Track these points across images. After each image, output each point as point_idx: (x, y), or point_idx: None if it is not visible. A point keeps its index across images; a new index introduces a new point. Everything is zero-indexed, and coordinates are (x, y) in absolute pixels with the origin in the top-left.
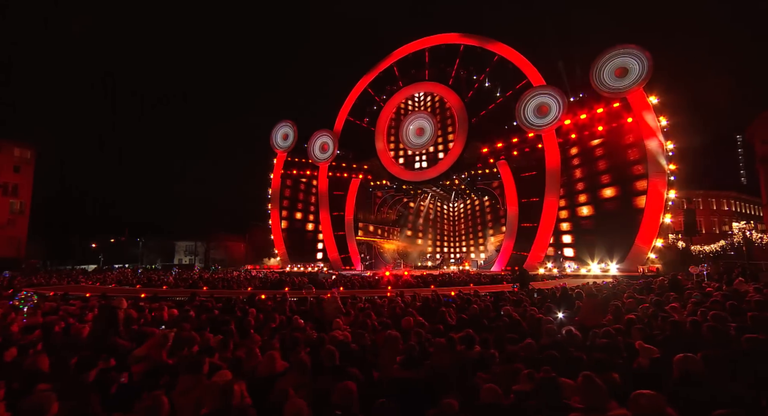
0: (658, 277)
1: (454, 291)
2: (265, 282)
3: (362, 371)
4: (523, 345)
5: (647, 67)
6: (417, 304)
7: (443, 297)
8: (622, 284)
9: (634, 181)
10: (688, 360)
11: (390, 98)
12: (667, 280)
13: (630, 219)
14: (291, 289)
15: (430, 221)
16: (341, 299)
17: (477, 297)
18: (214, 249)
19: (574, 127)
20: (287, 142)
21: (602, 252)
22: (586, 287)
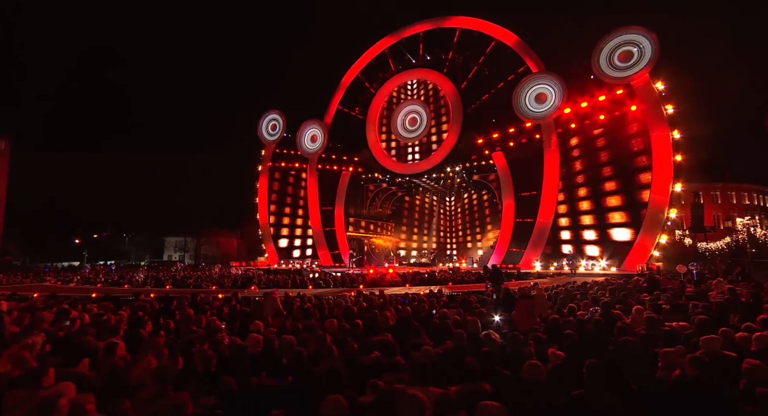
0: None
1: (423, 290)
2: (236, 281)
3: (245, 378)
4: (421, 352)
5: (654, 50)
6: (363, 305)
7: (399, 298)
8: (595, 285)
9: (638, 174)
10: (532, 368)
11: (382, 86)
12: (644, 280)
13: (633, 215)
14: (258, 288)
15: (426, 216)
16: (301, 299)
17: (431, 298)
18: (206, 245)
19: (574, 116)
20: (275, 133)
21: (603, 250)
22: (536, 287)
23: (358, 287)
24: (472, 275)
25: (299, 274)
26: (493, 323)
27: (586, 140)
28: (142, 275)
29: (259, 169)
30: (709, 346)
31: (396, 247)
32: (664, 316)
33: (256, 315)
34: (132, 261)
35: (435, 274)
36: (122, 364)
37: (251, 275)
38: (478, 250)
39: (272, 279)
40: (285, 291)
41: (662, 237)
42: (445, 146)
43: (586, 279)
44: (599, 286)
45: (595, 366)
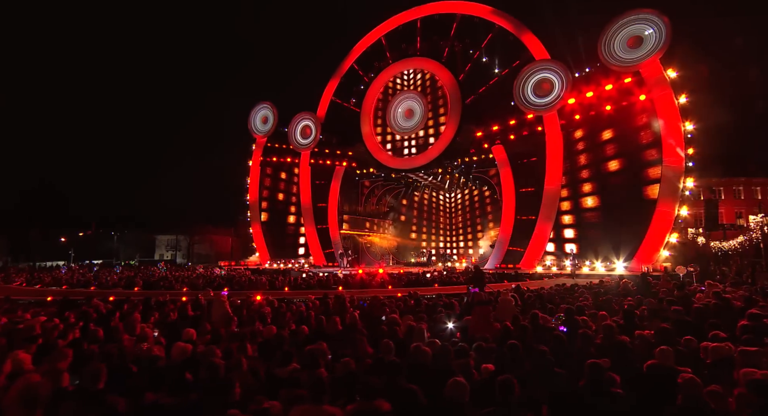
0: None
1: (401, 292)
2: (211, 283)
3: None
4: (341, 364)
5: (665, 35)
6: (312, 312)
7: (359, 301)
8: (583, 288)
9: (647, 168)
10: (455, 386)
11: (377, 76)
12: (633, 283)
13: (641, 212)
14: (231, 290)
15: (425, 213)
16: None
17: (398, 302)
18: (199, 244)
19: (578, 107)
20: (266, 126)
21: (608, 249)
22: (507, 291)
23: (337, 289)
24: (455, 276)
25: (286, 275)
26: (445, 331)
27: (592, 132)
28: (115, 276)
29: (249, 164)
30: (662, 359)
31: (394, 246)
32: (639, 323)
33: (207, 320)
34: (121, 261)
35: (426, 275)
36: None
37: (234, 275)
38: (479, 249)
39: (253, 279)
40: (254, 293)
41: (672, 236)
42: (442, 140)
43: (589, 280)
44: (586, 289)
45: (505, 382)
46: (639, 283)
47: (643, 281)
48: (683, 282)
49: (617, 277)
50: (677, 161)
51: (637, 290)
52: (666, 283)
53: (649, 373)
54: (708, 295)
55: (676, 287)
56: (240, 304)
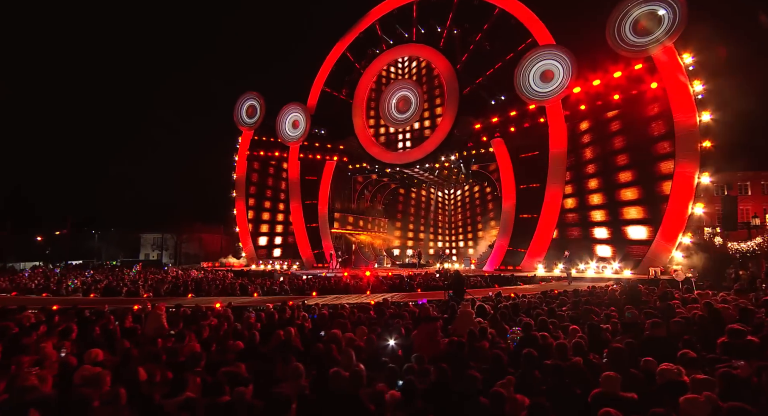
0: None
1: (373, 300)
2: (177, 288)
3: None
4: (236, 393)
5: (680, 16)
6: (257, 325)
7: (312, 314)
8: (566, 295)
9: (658, 162)
10: None
11: (370, 64)
12: (620, 290)
13: (651, 210)
14: (196, 296)
15: (423, 211)
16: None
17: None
18: (186, 243)
19: (584, 97)
20: (253, 117)
21: (616, 250)
22: (470, 301)
23: (311, 295)
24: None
25: (269, 277)
26: (387, 348)
27: (598, 124)
28: (78, 280)
29: (236, 158)
30: (607, 386)
31: (389, 246)
32: (610, 339)
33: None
34: (102, 261)
35: (413, 278)
36: None
37: (211, 278)
38: (480, 249)
39: (226, 284)
40: (214, 300)
41: (686, 236)
42: (438, 132)
43: (587, 285)
44: (567, 298)
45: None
46: (629, 290)
47: (632, 288)
48: (667, 292)
49: (623, 281)
50: (692, 154)
51: (627, 299)
52: (662, 290)
53: (594, 403)
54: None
55: (659, 297)
56: (190, 314)
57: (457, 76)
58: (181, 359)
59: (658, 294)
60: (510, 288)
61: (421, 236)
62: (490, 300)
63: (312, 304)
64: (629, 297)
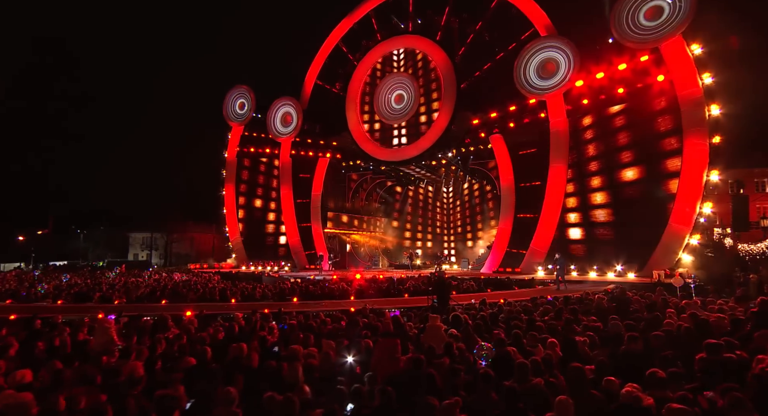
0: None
1: (354, 306)
2: (152, 292)
3: None
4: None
5: (689, 4)
6: (218, 337)
7: (282, 324)
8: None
9: (665, 159)
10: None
11: (364, 57)
12: (606, 299)
13: (657, 209)
14: (171, 302)
15: (420, 210)
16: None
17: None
18: (178, 242)
19: (587, 90)
20: (243, 112)
21: (619, 252)
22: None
23: (292, 300)
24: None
25: (257, 280)
26: (345, 365)
27: (602, 119)
28: (50, 285)
29: (225, 155)
30: (560, 412)
31: (385, 246)
32: (586, 354)
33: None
34: (89, 262)
35: (403, 282)
36: None
37: (193, 282)
38: (479, 249)
39: (210, 287)
40: (186, 308)
41: (694, 237)
42: (435, 128)
43: (589, 289)
44: (552, 306)
45: None
46: (617, 298)
47: (621, 296)
48: (655, 302)
49: (613, 287)
50: (700, 151)
51: (615, 307)
52: (656, 298)
53: None
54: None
55: (647, 306)
56: (151, 325)
57: (454, 69)
58: (120, 380)
59: (646, 303)
60: (502, 292)
61: (418, 236)
62: (474, 308)
63: (288, 312)
64: (617, 306)
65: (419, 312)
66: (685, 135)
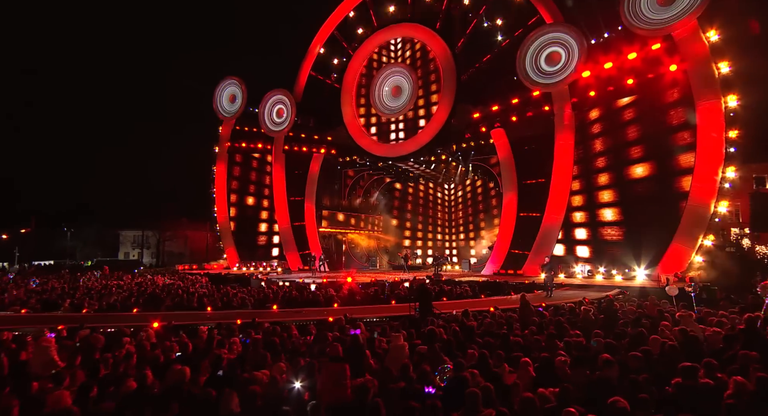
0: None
1: (334, 315)
2: (126, 299)
3: None
4: None
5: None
6: (171, 355)
7: (245, 338)
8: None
9: (677, 155)
10: None
11: (360, 46)
12: (593, 310)
13: (669, 208)
14: (142, 311)
15: (421, 208)
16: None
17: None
18: (170, 241)
19: (594, 82)
20: (234, 105)
21: (627, 253)
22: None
23: (271, 308)
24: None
25: (246, 283)
26: (293, 390)
27: (610, 112)
28: (18, 290)
29: (216, 150)
30: None
31: (384, 246)
32: (560, 377)
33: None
34: (77, 261)
35: (395, 286)
36: None
37: (175, 286)
38: (482, 249)
39: (191, 292)
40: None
41: (707, 238)
42: (434, 122)
43: (597, 293)
44: (542, 316)
45: None
46: (605, 310)
47: (608, 308)
48: (638, 317)
49: (597, 296)
50: (715, 146)
51: (604, 320)
52: (651, 309)
53: None
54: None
55: (632, 322)
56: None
57: (454, 60)
58: (45, 411)
59: (641, 313)
60: (496, 299)
61: (418, 234)
62: (456, 319)
63: (261, 322)
64: (605, 319)
65: (397, 324)
66: (699, 128)
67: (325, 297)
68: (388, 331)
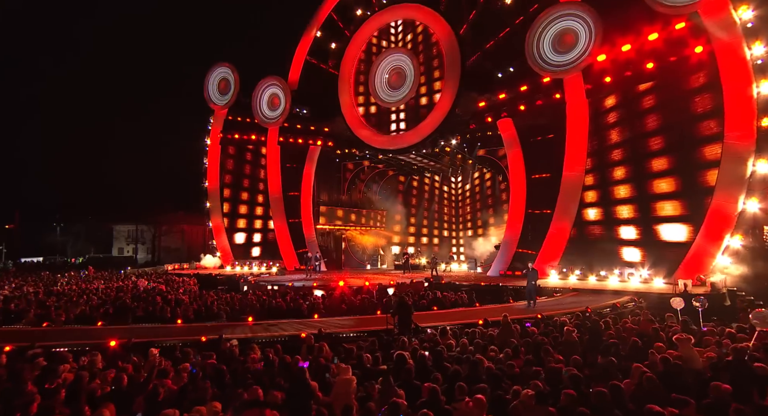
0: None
1: (304, 333)
2: (96, 309)
3: None
4: None
5: None
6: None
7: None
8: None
9: (702, 146)
10: None
11: (358, 29)
12: (586, 329)
13: (691, 205)
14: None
15: (426, 202)
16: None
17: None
18: (166, 235)
19: (610, 66)
20: (226, 94)
21: (645, 254)
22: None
23: (246, 320)
24: (447, 290)
25: (235, 285)
26: None
27: (628, 100)
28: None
29: (207, 142)
30: None
31: (386, 243)
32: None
33: None
34: (68, 258)
35: (388, 290)
36: None
37: (157, 291)
38: (490, 248)
39: (170, 299)
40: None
41: (735, 237)
42: (437, 112)
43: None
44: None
45: None
46: (589, 329)
47: (593, 327)
48: (608, 347)
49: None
50: (745, 136)
51: (588, 340)
52: (646, 326)
53: None
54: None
55: (600, 349)
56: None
57: (459, 44)
58: None
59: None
60: (490, 308)
61: (423, 231)
62: (431, 338)
63: (227, 339)
64: (589, 339)
65: (367, 345)
66: (727, 116)
67: (309, 306)
68: (354, 353)
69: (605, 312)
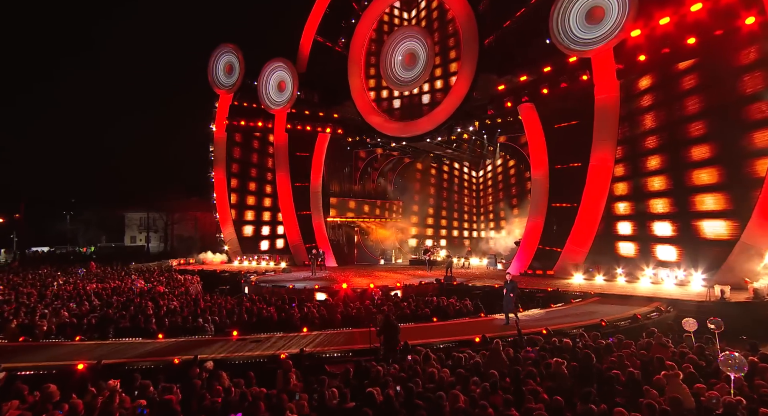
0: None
1: (284, 354)
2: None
3: None
4: None
5: None
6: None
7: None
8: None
9: (751, 132)
10: None
11: (370, 5)
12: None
13: (736, 199)
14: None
15: (445, 191)
16: None
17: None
18: (179, 223)
19: (645, 43)
20: (232, 77)
21: (682, 254)
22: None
23: (231, 334)
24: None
25: (237, 286)
26: None
27: (665, 80)
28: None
29: (213, 128)
30: None
31: (402, 237)
32: None
33: None
34: (78, 247)
35: (396, 293)
36: None
37: (155, 293)
38: (507, 244)
39: (162, 304)
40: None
41: None
42: (453, 96)
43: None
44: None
45: None
46: (581, 360)
47: (584, 360)
48: (586, 394)
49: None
50: None
51: (579, 375)
52: (657, 351)
53: None
54: None
55: (580, 397)
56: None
57: (477, 22)
58: None
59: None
60: (493, 319)
61: (442, 222)
62: (412, 366)
63: (202, 360)
64: (580, 374)
65: (346, 371)
66: None
67: (302, 317)
68: (327, 384)
69: (621, 325)
